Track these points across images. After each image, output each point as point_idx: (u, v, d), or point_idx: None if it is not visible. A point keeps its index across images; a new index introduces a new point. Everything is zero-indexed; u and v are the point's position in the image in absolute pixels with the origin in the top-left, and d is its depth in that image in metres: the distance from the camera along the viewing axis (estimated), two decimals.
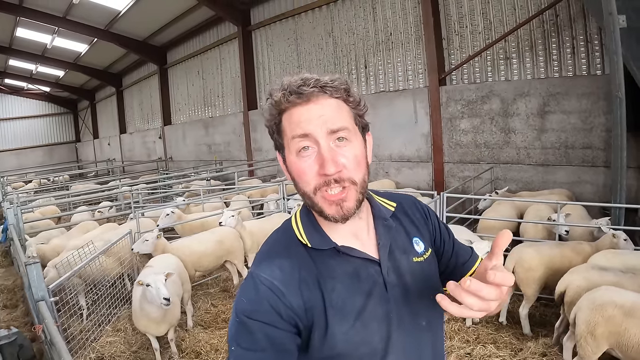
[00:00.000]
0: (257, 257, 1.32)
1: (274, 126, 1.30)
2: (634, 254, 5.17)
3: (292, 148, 1.23)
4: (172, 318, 5.20)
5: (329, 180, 1.18)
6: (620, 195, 6.72)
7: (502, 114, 10.13)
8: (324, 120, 1.19)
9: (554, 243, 5.98)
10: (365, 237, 1.33)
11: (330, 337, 1.20)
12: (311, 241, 1.28)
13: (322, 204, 1.21)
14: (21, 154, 35.46)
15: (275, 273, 1.21)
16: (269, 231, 5.54)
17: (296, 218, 1.37)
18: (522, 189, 9.71)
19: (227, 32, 18.31)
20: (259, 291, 1.19)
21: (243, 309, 1.19)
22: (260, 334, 1.15)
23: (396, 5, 12.14)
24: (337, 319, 1.21)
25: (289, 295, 1.19)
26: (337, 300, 1.22)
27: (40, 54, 25.16)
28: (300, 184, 1.24)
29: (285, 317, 1.17)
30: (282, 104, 1.24)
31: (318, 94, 1.21)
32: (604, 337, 3.85)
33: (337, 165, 1.18)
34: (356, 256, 1.27)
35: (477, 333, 5.44)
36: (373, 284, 1.27)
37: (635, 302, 3.79)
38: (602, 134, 8.73)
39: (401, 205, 1.47)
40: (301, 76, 1.24)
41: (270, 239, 1.39)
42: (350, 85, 1.28)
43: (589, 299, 4.02)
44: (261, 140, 17.13)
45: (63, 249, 7.47)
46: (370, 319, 1.24)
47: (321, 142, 1.19)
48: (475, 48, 10.72)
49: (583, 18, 9.05)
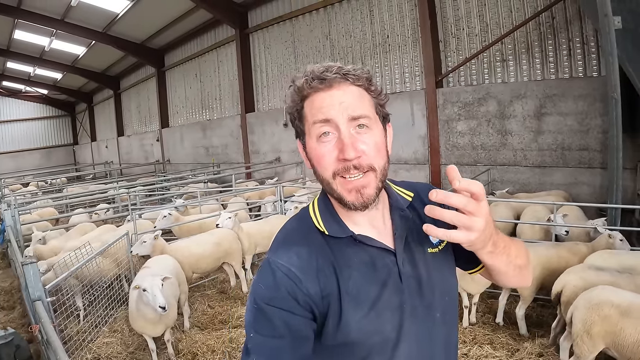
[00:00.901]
0: (274, 244, 1.32)
1: (295, 113, 1.30)
2: (631, 254, 5.20)
3: (313, 133, 1.24)
4: (168, 319, 5.20)
5: (348, 166, 1.19)
6: (617, 196, 6.75)
7: (499, 115, 10.16)
8: (345, 106, 1.20)
9: (550, 244, 6.00)
10: (382, 227, 1.33)
11: (344, 325, 1.21)
12: (328, 229, 1.28)
13: (341, 190, 1.22)
14: (19, 156, 35.44)
15: (293, 260, 1.22)
16: (266, 233, 5.58)
17: (314, 206, 1.37)
18: (519, 190, 9.73)
19: (224, 35, 18.35)
20: (277, 278, 1.20)
21: (261, 295, 1.20)
22: (279, 320, 1.16)
23: (393, 8, 12.21)
24: (351, 307, 1.22)
25: (306, 281, 1.20)
26: (352, 289, 1.23)
27: (38, 56, 25.21)
28: (319, 169, 1.25)
29: (302, 303, 1.18)
30: (305, 90, 1.24)
31: (340, 81, 1.22)
32: (600, 337, 3.87)
33: (357, 151, 1.18)
34: (373, 245, 1.27)
35: (474, 334, 5.44)
36: (388, 274, 1.27)
37: (632, 302, 3.80)
38: (598, 135, 8.78)
39: (418, 195, 1.45)
40: (324, 64, 1.25)
41: (287, 226, 1.38)
42: (372, 76, 1.28)
43: (586, 298, 4.03)
44: (258, 142, 17.17)
45: (60, 250, 7.47)
46: (384, 309, 1.24)
47: (342, 128, 1.19)
48: (472, 50, 10.76)
49: (579, 20, 9.10)
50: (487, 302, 6.21)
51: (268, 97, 17.01)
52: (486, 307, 6.11)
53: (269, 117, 16.49)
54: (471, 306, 5.73)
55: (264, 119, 16.75)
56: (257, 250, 7.83)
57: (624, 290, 4.06)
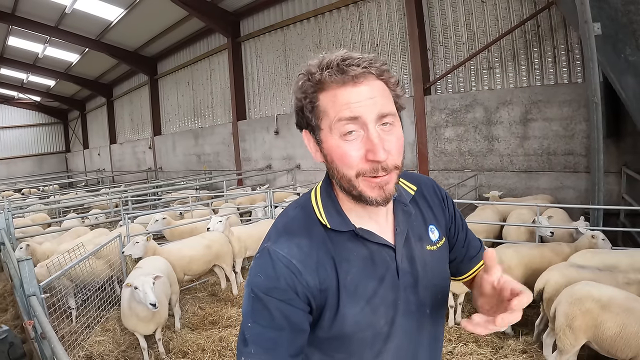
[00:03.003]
0: (273, 231, 1.29)
1: (308, 105, 1.21)
2: (612, 253, 5.30)
3: (336, 130, 1.16)
4: (160, 318, 5.28)
5: (377, 167, 1.14)
6: (599, 198, 6.90)
7: (486, 122, 10.33)
8: (373, 103, 1.14)
9: (534, 244, 6.08)
10: (383, 221, 1.31)
11: (340, 318, 1.21)
12: (331, 222, 1.26)
13: (364, 187, 1.17)
14: (11, 163, 35.17)
15: (294, 251, 1.20)
16: (256, 236, 5.73)
17: (316, 197, 1.33)
18: (505, 195, 9.83)
19: (217, 44, 18.47)
20: (277, 268, 1.17)
21: (259, 285, 1.18)
22: (277, 312, 1.15)
23: (382, 17, 12.40)
24: (349, 301, 1.21)
25: (306, 274, 1.18)
26: (350, 283, 1.22)
27: (32, 63, 25.16)
28: (340, 167, 1.18)
29: (301, 296, 1.17)
30: (326, 83, 1.16)
31: (367, 75, 1.15)
32: (582, 330, 3.95)
33: (386, 152, 1.14)
34: (373, 240, 1.26)
35: (459, 332, 5.51)
36: (386, 270, 1.26)
37: (612, 297, 3.90)
38: (583, 140, 8.95)
39: (421, 189, 1.44)
40: (342, 54, 1.17)
41: (289, 213, 1.34)
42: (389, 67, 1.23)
43: (569, 292, 4.12)
44: (250, 150, 17.25)
45: (53, 252, 7.52)
46: (380, 304, 1.25)
47: (370, 127, 1.13)
48: (459, 58, 10.96)
49: (564, 28, 9.30)
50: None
51: (259, 105, 17.11)
52: (472, 307, 6.19)
53: (260, 125, 16.58)
54: (457, 306, 5.80)
55: (256, 126, 16.84)
56: (247, 254, 7.92)
57: (606, 286, 4.15)
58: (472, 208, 8.68)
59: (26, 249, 7.63)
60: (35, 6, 17.30)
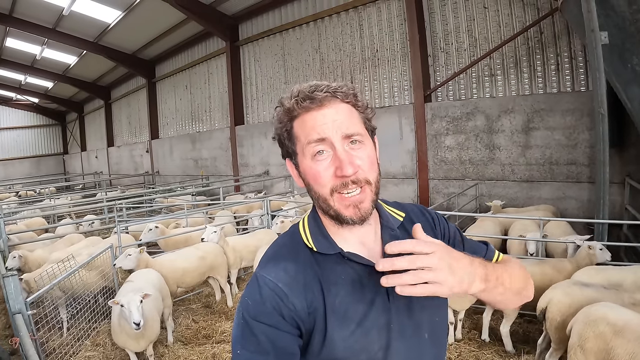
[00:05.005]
0: (263, 259, 1.32)
1: (285, 133, 1.30)
2: (617, 270, 5.17)
3: (307, 153, 1.23)
4: (151, 334, 5.13)
5: (346, 182, 1.19)
6: (604, 211, 6.73)
7: (487, 130, 10.20)
8: (338, 124, 1.21)
9: (535, 260, 5.97)
10: (372, 245, 1.32)
11: (329, 342, 1.20)
12: (317, 245, 1.28)
13: (339, 206, 1.22)
14: (8, 164, 35.29)
15: (280, 275, 1.22)
16: (252, 247, 5.52)
17: (304, 223, 1.37)
18: (507, 205, 9.70)
19: (215, 47, 18.40)
20: (263, 293, 1.20)
21: (248, 310, 1.20)
22: (263, 336, 1.16)
23: (382, 22, 12.27)
24: (337, 324, 1.21)
25: (292, 297, 1.19)
26: (339, 306, 1.22)
27: (30, 64, 25.20)
28: (315, 187, 1.24)
29: (288, 319, 1.18)
30: (295, 110, 1.24)
31: (331, 99, 1.22)
32: (592, 353, 3.81)
33: (354, 167, 1.18)
34: (361, 263, 1.26)
35: (459, 350, 5.40)
36: (376, 293, 1.26)
37: (628, 322, 3.72)
38: (586, 149, 8.83)
39: (409, 215, 1.46)
40: (311, 83, 1.25)
41: (278, 242, 1.39)
42: (358, 92, 1.30)
43: (586, 312, 3.98)
44: (247, 155, 17.13)
45: (46, 260, 7.38)
46: (371, 327, 1.23)
47: (337, 146, 1.20)
48: (461, 65, 10.83)
49: (567, 35, 9.18)
50: (473, 318, 6.16)
51: (257, 110, 17.01)
52: (472, 323, 6.06)
53: (258, 130, 16.48)
54: (457, 322, 5.69)
55: (253, 131, 16.73)
56: (243, 265, 7.76)
57: (625, 309, 4.01)
58: (472, 218, 8.55)
59: (19, 259, 7.49)
60: (33, 8, 17.28)
